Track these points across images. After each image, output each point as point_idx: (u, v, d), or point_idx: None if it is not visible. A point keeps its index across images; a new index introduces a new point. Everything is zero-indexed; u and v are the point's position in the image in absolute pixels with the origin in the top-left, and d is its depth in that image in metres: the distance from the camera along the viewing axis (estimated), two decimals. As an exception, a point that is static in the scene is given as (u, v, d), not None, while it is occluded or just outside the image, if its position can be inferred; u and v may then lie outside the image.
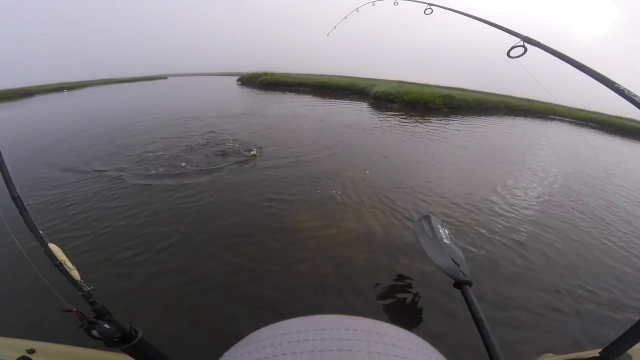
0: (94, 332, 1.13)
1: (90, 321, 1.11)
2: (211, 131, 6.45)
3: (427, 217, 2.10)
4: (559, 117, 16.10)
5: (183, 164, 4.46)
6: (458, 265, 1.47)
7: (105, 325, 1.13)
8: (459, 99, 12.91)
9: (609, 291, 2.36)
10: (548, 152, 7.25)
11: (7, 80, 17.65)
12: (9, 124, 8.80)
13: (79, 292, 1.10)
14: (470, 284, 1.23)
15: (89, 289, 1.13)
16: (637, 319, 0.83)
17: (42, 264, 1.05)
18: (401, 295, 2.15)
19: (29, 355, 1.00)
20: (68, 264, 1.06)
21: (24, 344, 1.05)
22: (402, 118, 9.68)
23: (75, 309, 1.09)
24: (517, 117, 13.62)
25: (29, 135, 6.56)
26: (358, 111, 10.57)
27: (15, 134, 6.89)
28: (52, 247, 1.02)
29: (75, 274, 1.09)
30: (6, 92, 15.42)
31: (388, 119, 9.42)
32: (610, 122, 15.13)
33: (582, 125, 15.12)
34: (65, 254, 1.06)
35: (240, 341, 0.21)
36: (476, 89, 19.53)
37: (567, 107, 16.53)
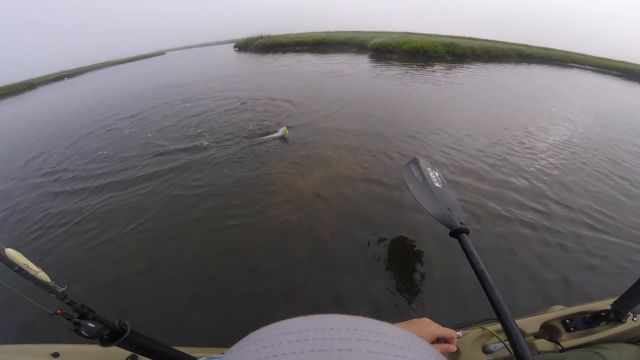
0: (83, 332, 1.15)
1: (75, 322, 1.12)
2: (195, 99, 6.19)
3: (415, 161, 1.86)
4: (577, 65, 14.95)
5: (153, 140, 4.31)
6: (452, 211, 1.34)
7: (90, 324, 1.13)
8: (463, 46, 11.95)
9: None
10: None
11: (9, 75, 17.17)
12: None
13: (52, 294, 1.07)
14: (467, 232, 1.10)
15: (62, 289, 1.09)
16: None
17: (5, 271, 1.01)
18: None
19: (54, 359, 1.02)
20: (32, 267, 1.01)
21: (48, 349, 1.06)
22: (398, 67, 9.26)
23: (59, 311, 1.08)
24: (531, 65, 12.69)
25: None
26: (355, 63, 10.09)
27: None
28: (10, 252, 0.97)
29: (42, 276, 1.04)
30: (8, 87, 14.99)
31: (384, 68, 9.04)
32: (636, 71, 13.84)
33: (604, 73, 13.91)
34: (27, 257, 1.00)
35: (240, 341, 0.20)
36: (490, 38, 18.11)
37: (586, 55, 15.21)
